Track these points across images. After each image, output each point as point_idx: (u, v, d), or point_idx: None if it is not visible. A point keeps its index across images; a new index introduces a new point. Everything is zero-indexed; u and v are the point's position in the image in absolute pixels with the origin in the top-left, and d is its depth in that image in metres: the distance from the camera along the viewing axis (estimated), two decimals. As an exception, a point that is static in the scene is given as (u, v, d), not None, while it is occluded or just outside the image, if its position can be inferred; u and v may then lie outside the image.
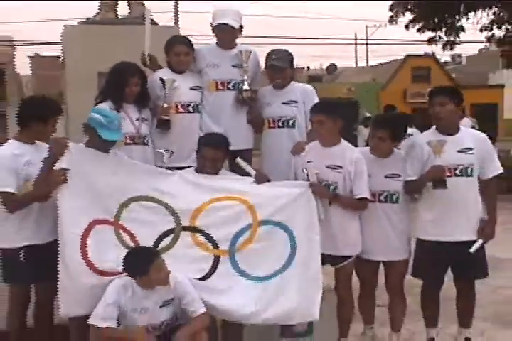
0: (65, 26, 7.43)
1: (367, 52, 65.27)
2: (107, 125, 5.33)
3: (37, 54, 53.67)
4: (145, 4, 7.58)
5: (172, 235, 5.50)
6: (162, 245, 5.46)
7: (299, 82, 6.47)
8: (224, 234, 5.51)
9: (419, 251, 5.85)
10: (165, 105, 5.94)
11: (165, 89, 5.92)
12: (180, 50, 6.05)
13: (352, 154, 5.69)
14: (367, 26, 56.11)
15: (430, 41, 23.13)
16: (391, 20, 23.05)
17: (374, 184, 5.73)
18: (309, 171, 5.51)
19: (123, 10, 7.77)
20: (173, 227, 5.50)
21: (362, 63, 59.71)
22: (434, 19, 21.91)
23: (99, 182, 5.41)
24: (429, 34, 22.77)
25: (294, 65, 6.40)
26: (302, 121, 6.17)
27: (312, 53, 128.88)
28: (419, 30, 22.55)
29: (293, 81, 6.31)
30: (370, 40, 55.09)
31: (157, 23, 7.33)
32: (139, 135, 5.90)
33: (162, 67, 6.20)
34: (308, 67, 63.05)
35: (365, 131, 13.30)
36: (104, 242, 5.38)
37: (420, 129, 9.25)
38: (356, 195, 5.64)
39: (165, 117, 5.95)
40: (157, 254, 5.14)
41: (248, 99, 6.14)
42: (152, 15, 6.62)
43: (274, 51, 6.24)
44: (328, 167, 5.64)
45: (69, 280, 5.23)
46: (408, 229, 5.90)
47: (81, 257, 5.26)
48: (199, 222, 5.51)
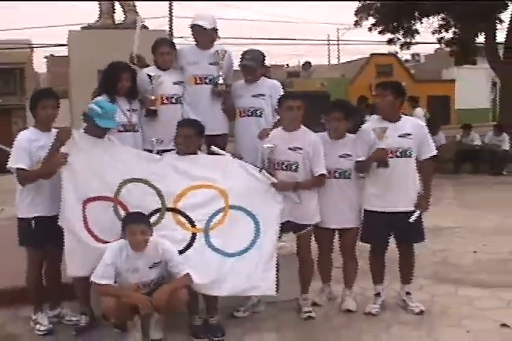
0: (70, 31, 7.49)
1: (338, 51, 64.69)
2: (103, 115, 5.49)
3: (52, 54, 53.33)
4: (138, 12, 7.67)
5: (158, 214, 5.60)
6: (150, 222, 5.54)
7: (279, 78, 6.58)
8: (200, 216, 5.64)
9: (366, 220, 5.95)
10: (152, 97, 6.05)
11: (152, 83, 6.04)
12: (164, 50, 6.19)
13: (310, 137, 5.80)
14: (338, 29, 56.21)
15: (390, 42, 23.21)
16: (356, 23, 23.15)
17: (329, 163, 5.83)
18: (265, 175, 5.66)
19: (120, 16, 7.87)
20: (159, 207, 5.61)
21: (334, 61, 59.57)
22: (393, 23, 21.99)
23: (98, 164, 5.52)
24: (389, 36, 22.89)
25: (266, 63, 6.51)
26: (269, 112, 6.27)
27: (291, 52, 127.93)
28: (380, 32, 22.60)
29: (264, 76, 6.40)
30: (341, 41, 55.12)
31: (147, 28, 7.42)
32: (130, 123, 6.03)
33: (149, 65, 6.31)
34: (287, 64, 62.65)
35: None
36: (102, 215, 5.51)
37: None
38: (316, 172, 5.76)
39: (152, 108, 6.07)
40: (134, 221, 5.26)
41: (223, 92, 6.26)
42: (143, 21, 6.77)
43: (248, 51, 6.32)
44: (290, 149, 5.75)
45: (73, 246, 5.39)
46: (359, 202, 6.01)
47: (83, 227, 5.42)
48: (181, 205, 5.63)
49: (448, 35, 22.62)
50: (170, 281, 5.35)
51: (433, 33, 22.64)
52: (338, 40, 55.37)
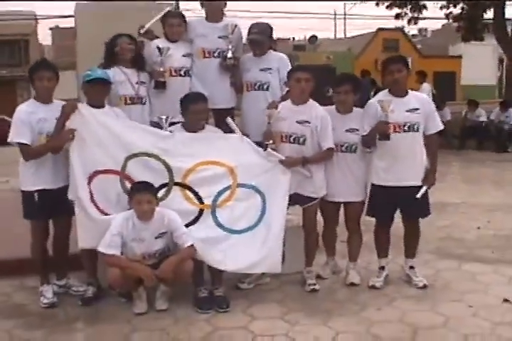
0: (77, 3, 7.46)
1: (344, 25, 64.52)
2: (90, 72, 5.59)
3: (57, 26, 53.11)
4: None
5: (166, 188, 5.60)
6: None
7: (285, 51, 6.56)
8: (208, 192, 5.65)
9: (372, 195, 5.98)
10: (161, 69, 6.04)
11: (161, 55, 6.03)
12: (173, 22, 6.15)
13: (318, 111, 5.80)
14: (345, 3, 55.67)
15: (397, 16, 23.07)
16: (364, -3, 23.04)
17: (336, 136, 5.83)
18: (271, 153, 5.70)
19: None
20: (166, 182, 5.59)
21: (340, 35, 59.22)
22: (401, -3, 21.90)
23: (104, 138, 5.52)
24: (396, 10, 22.74)
25: (273, 37, 6.44)
26: (276, 86, 6.25)
27: (297, 26, 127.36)
28: (387, 7, 22.46)
29: (271, 50, 6.35)
30: (348, 15, 54.81)
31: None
32: (138, 96, 6.02)
33: (158, 38, 6.28)
34: (293, 38, 62.34)
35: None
36: (109, 189, 5.55)
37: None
38: (324, 147, 5.77)
39: (161, 79, 6.06)
40: (141, 190, 5.29)
41: (231, 66, 6.23)
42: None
43: (255, 25, 6.29)
44: (297, 122, 5.76)
45: (82, 218, 5.46)
46: (365, 176, 6.02)
47: (89, 200, 5.46)
48: (189, 180, 5.62)
49: (456, 10, 22.52)
50: (175, 252, 5.39)
51: (441, 8, 22.54)
52: (345, 15, 55.03)
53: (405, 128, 5.75)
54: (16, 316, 5.41)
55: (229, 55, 6.20)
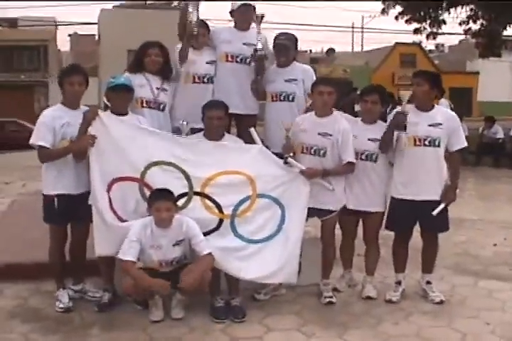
0: (102, 10, 7.53)
1: (362, 39, 64.82)
2: (114, 79, 5.63)
3: (76, 33, 53.49)
4: None
5: (186, 197, 5.59)
6: None
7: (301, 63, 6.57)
8: (228, 201, 5.64)
9: (391, 208, 5.95)
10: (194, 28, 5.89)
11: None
12: (198, 32, 6.14)
13: (340, 124, 5.79)
14: (363, 16, 55.92)
15: (416, 31, 23.08)
16: (383, 11, 22.98)
17: (357, 144, 5.84)
18: (292, 163, 5.70)
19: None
20: (186, 191, 5.59)
21: (357, 48, 59.32)
22: (420, 12, 21.85)
23: (124, 145, 5.52)
24: (415, 25, 22.76)
25: (298, 48, 6.46)
26: (301, 96, 6.25)
27: (315, 39, 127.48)
28: (406, 21, 22.49)
29: (295, 61, 6.37)
30: (365, 29, 54.85)
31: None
32: (156, 101, 6.01)
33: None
34: (310, 50, 62.52)
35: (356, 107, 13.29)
36: (128, 196, 5.56)
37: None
38: (344, 160, 5.75)
39: (194, 32, 5.90)
40: (160, 197, 5.30)
41: (261, 58, 6.17)
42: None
43: (282, 33, 6.33)
44: (319, 134, 5.76)
45: (100, 225, 5.46)
46: (385, 187, 5.98)
47: (108, 207, 5.47)
48: (209, 189, 5.61)
49: (475, 26, 22.52)
50: (193, 260, 5.40)
51: (460, 24, 22.60)
52: (363, 28, 55.09)
53: (426, 142, 5.74)
54: (33, 320, 5.42)
55: (259, 46, 6.12)
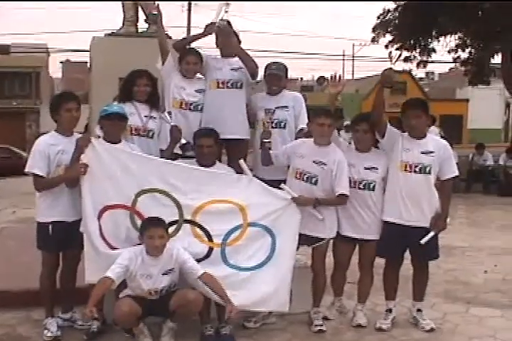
0: (94, 38, 7.52)
1: (353, 67, 65.09)
2: (107, 107, 5.66)
3: (68, 60, 53.72)
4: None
5: (175, 225, 5.58)
6: None
7: (292, 91, 6.63)
8: (218, 230, 5.63)
9: (382, 233, 5.93)
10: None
11: None
12: (190, 60, 6.18)
13: (336, 156, 5.82)
14: (353, 44, 56.33)
15: (406, 59, 23.21)
16: (373, 40, 23.16)
17: (354, 173, 5.87)
18: (285, 189, 5.73)
19: (142, 25, 7.89)
20: (177, 219, 5.58)
21: (348, 76, 59.72)
22: (410, 41, 22.03)
23: (116, 173, 5.52)
24: (405, 53, 22.91)
25: (288, 76, 6.54)
26: (292, 123, 6.29)
27: (305, 66, 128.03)
28: (397, 49, 22.63)
29: (285, 89, 6.43)
30: (356, 57, 55.24)
31: (171, 37, 7.42)
32: (145, 128, 6.04)
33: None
34: (301, 78, 62.92)
35: (345, 136, 13.34)
36: (118, 224, 5.54)
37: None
38: (337, 192, 5.75)
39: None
40: (153, 225, 5.28)
41: (223, 27, 6.21)
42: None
43: (274, 63, 6.39)
44: (314, 162, 5.79)
45: (91, 253, 5.45)
46: (380, 215, 5.95)
47: (98, 235, 5.46)
48: (199, 218, 5.61)
49: (464, 54, 22.72)
50: (184, 284, 5.39)
51: (449, 52, 22.73)
52: (353, 56, 55.48)
53: (416, 169, 5.76)
54: (20, 349, 5.37)
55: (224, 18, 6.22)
